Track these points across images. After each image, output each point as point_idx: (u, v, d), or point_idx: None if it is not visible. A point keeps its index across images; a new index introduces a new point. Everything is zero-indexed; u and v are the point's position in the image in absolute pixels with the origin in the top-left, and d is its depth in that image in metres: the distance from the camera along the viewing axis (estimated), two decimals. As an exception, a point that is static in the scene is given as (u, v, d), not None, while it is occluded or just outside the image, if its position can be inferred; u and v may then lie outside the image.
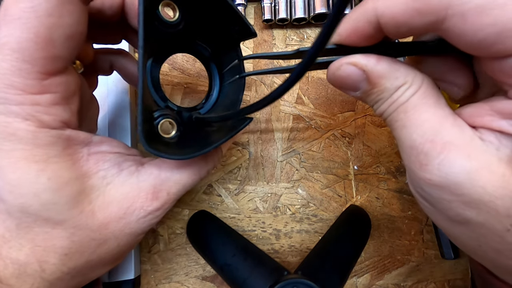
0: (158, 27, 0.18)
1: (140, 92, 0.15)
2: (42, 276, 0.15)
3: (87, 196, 0.16)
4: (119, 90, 0.26)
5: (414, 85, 0.14)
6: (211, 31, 0.21)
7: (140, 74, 0.15)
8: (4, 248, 0.14)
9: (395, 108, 0.14)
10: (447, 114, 0.13)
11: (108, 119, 0.25)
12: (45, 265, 0.15)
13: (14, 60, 0.13)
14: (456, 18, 0.11)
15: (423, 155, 0.13)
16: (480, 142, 0.12)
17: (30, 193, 0.14)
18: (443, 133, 0.13)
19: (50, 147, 0.14)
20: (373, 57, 0.14)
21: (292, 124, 0.28)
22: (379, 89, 0.14)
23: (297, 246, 0.27)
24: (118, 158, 0.17)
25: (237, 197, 0.27)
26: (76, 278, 0.16)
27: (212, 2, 0.18)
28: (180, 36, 0.20)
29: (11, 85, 0.13)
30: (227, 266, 0.23)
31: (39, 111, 0.14)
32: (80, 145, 0.16)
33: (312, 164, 0.28)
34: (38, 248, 0.15)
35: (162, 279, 0.26)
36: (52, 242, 0.15)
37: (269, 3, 0.28)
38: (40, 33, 0.13)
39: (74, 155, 0.16)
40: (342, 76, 0.15)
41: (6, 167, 0.14)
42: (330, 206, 0.28)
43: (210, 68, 0.23)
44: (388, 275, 0.27)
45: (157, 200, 0.17)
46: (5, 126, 0.13)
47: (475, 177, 0.12)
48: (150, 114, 0.18)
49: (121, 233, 0.16)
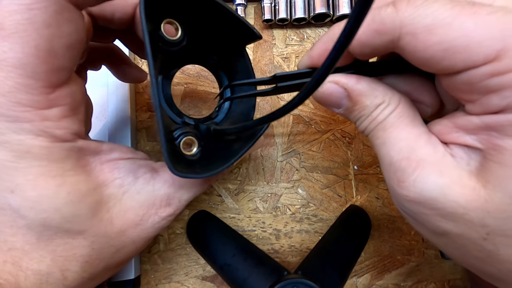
0: (162, 47, 0.18)
1: (159, 116, 0.15)
2: (64, 283, 0.15)
3: (105, 204, 0.16)
4: (119, 90, 0.26)
5: (392, 104, 0.15)
6: (215, 40, 0.21)
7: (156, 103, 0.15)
8: (24, 261, 0.14)
9: (375, 125, 0.15)
10: (422, 132, 0.14)
11: (108, 120, 0.25)
12: (67, 273, 0.15)
13: (18, 77, 0.13)
14: (408, 37, 0.12)
15: (400, 172, 0.14)
16: (451, 159, 0.13)
17: (51, 209, 0.14)
18: (418, 151, 0.14)
19: (64, 160, 0.15)
20: (353, 77, 0.15)
21: (292, 124, 0.28)
22: (360, 106, 0.15)
23: (297, 246, 0.27)
24: (132, 165, 0.18)
25: (237, 197, 0.27)
26: (95, 281, 0.17)
27: (213, 13, 0.18)
28: (185, 51, 0.20)
29: (18, 102, 0.13)
30: (227, 266, 0.23)
31: (50, 126, 0.14)
32: (91, 155, 0.16)
33: (312, 164, 0.28)
34: (60, 258, 0.15)
35: (162, 279, 0.26)
36: (73, 252, 0.15)
37: (269, 3, 0.28)
38: (40, 46, 0.12)
39: (88, 166, 0.16)
40: (325, 93, 0.16)
41: (24, 185, 0.14)
42: (330, 206, 0.28)
43: (219, 76, 0.23)
44: (388, 275, 0.27)
45: (170, 206, 0.18)
46: (18, 144, 0.13)
47: (448, 192, 0.13)
48: (170, 135, 0.18)
49: (138, 238, 0.17)
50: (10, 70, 0.12)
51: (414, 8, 0.12)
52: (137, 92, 0.28)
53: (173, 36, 0.18)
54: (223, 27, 0.19)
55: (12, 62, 0.12)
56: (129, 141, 0.26)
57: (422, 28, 0.12)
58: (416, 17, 0.12)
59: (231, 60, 0.22)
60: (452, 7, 0.11)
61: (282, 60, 0.29)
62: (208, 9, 0.18)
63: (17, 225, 0.14)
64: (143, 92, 0.28)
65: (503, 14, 0.11)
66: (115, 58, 0.22)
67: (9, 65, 0.12)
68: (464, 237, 0.13)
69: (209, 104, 0.28)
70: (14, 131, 0.13)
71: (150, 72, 0.15)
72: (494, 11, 0.11)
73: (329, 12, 0.27)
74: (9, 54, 0.12)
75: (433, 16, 0.11)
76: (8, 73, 0.12)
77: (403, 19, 0.12)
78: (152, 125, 0.28)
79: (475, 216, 0.12)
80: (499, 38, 0.11)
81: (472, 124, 0.13)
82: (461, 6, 0.11)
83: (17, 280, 0.14)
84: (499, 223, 0.12)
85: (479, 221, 0.12)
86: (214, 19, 0.18)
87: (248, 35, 0.20)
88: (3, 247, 0.14)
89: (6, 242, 0.14)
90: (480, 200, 0.12)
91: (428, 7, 0.12)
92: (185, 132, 0.19)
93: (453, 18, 0.11)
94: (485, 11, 0.11)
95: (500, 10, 0.11)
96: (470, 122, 0.13)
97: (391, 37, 0.13)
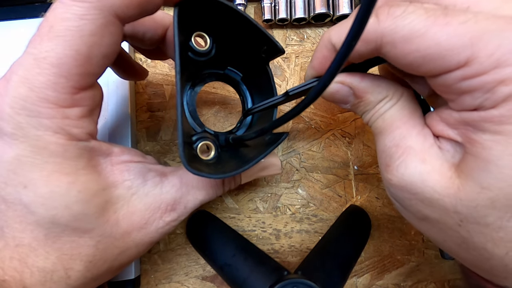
0: (191, 57, 0.19)
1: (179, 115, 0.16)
2: (68, 282, 0.15)
3: (112, 205, 0.16)
4: (119, 90, 0.26)
5: (394, 98, 0.16)
6: (241, 54, 0.21)
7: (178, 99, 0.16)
8: (30, 257, 0.15)
9: (376, 117, 0.16)
10: (417, 124, 0.15)
11: (108, 120, 0.25)
12: (70, 271, 0.15)
13: (51, 74, 0.13)
14: (389, 46, 0.13)
15: (388, 157, 0.15)
16: (438, 150, 0.14)
17: (61, 206, 0.14)
18: (408, 139, 0.15)
19: (78, 159, 0.15)
20: (357, 75, 0.16)
21: (292, 124, 0.28)
22: (364, 102, 0.16)
23: (297, 246, 0.27)
24: (142, 168, 0.18)
25: (237, 197, 0.27)
26: (97, 281, 0.17)
27: (239, 25, 0.19)
28: (212, 63, 0.21)
29: (45, 98, 0.14)
30: (227, 266, 0.23)
31: (69, 124, 0.14)
32: (103, 156, 0.17)
33: (312, 164, 0.28)
34: (65, 256, 0.15)
35: (162, 279, 0.26)
36: (78, 250, 0.15)
37: (269, 3, 0.28)
38: (81, 51, 0.14)
39: (99, 166, 0.16)
40: (332, 92, 0.17)
41: (38, 180, 0.14)
42: (330, 206, 0.28)
43: (242, 91, 0.23)
44: (388, 275, 0.27)
45: (174, 211, 0.18)
46: (36, 140, 0.14)
47: (426, 178, 0.14)
48: (189, 138, 0.19)
49: (141, 241, 0.17)
50: (47, 67, 0.13)
51: (393, 19, 0.13)
52: (137, 92, 0.28)
53: (202, 46, 0.20)
54: (249, 40, 0.20)
55: (51, 60, 0.13)
56: (129, 141, 0.26)
57: (400, 38, 0.13)
58: (394, 28, 0.13)
59: (255, 76, 0.22)
60: (426, 18, 0.12)
61: (282, 60, 0.29)
62: (235, 21, 0.18)
63: (26, 221, 0.14)
64: (143, 92, 0.28)
65: (473, 23, 0.12)
66: (118, 56, 0.22)
67: (47, 63, 0.13)
68: (441, 222, 0.14)
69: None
70: (34, 126, 0.14)
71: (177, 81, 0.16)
72: (465, 20, 0.12)
73: (329, 12, 0.27)
74: (51, 53, 0.13)
75: (409, 27, 0.12)
76: (43, 69, 0.13)
77: (383, 30, 0.13)
78: (152, 125, 0.28)
79: (449, 203, 0.13)
80: (468, 46, 0.11)
81: (454, 119, 0.14)
82: (435, 17, 0.12)
83: (22, 277, 0.14)
84: (470, 211, 0.13)
85: (452, 207, 0.13)
86: (240, 31, 0.19)
87: (272, 50, 0.20)
88: (11, 243, 0.14)
89: (15, 238, 0.14)
90: (453, 188, 0.13)
91: (405, 18, 0.12)
92: (204, 137, 0.19)
93: (427, 28, 0.12)
94: (457, 21, 0.12)
95: (471, 19, 0.12)
96: (452, 117, 0.14)
97: (374, 46, 0.14)
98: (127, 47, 0.27)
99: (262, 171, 0.22)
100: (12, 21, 0.26)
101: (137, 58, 0.29)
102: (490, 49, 0.11)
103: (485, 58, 0.11)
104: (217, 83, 0.28)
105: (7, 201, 0.14)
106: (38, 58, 0.13)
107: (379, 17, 0.13)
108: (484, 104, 0.12)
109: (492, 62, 0.11)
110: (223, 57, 0.21)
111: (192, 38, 0.19)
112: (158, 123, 0.28)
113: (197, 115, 0.22)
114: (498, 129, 0.12)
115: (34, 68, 0.13)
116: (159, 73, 0.28)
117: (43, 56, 0.13)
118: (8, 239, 0.14)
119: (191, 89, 0.22)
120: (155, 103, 0.28)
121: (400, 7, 0.13)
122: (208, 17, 0.18)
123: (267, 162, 0.22)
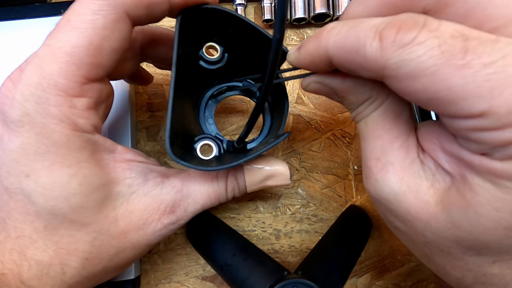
0: (202, 65, 0.20)
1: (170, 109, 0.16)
2: (63, 279, 0.15)
3: (112, 202, 0.16)
4: (119, 90, 0.26)
5: (379, 99, 0.14)
6: (252, 63, 0.21)
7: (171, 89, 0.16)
8: (30, 249, 0.15)
9: (359, 119, 0.15)
10: (401, 133, 0.14)
11: (108, 119, 0.25)
12: (66, 268, 0.15)
13: (64, 62, 0.14)
14: (392, 80, 0.12)
15: (368, 169, 0.15)
16: (418, 167, 0.14)
17: (61, 197, 0.14)
18: (389, 153, 0.14)
19: (81, 151, 0.15)
20: (339, 75, 0.15)
21: (292, 124, 0.28)
22: (347, 102, 0.16)
23: (297, 246, 0.27)
24: (144, 168, 0.18)
25: (237, 197, 0.27)
26: (92, 281, 0.17)
27: (248, 33, 0.19)
28: (225, 71, 0.21)
29: (55, 85, 0.14)
30: (227, 266, 0.23)
31: (75, 114, 0.15)
32: (106, 152, 0.17)
33: (312, 164, 0.28)
34: (62, 250, 0.15)
35: (162, 279, 0.26)
36: (75, 246, 0.15)
37: (269, 3, 0.28)
38: (93, 41, 0.14)
39: (101, 161, 0.16)
40: (312, 91, 0.16)
41: (40, 170, 0.14)
42: (330, 206, 0.28)
43: (263, 110, 0.24)
44: (388, 275, 0.27)
45: (173, 214, 0.18)
46: (41, 128, 0.14)
47: (401, 199, 0.13)
48: (190, 137, 0.19)
49: (138, 243, 0.17)
50: (61, 56, 0.14)
51: (399, 49, 0.11)
52: (137, 92, 0.28)
53: (212, 55, 0.20)
54: (259, 48, 0.19)
55: (65, 49, 0.14)
56: (129, 141, 0.26)
57: (404, 75, 0.11)
58: (398, 62, 0.11)
59: None
60: (440, 53, 0.10)
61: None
62: (243, 30, 0.19)
63: (27, 211, 0.14)
64: (143, 92, 0.28)
65: (499, 67, 0.10)
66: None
67: (62, 51, 0.14)
68: (410, 237, 0.14)
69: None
70: (40, 114, 0.14)
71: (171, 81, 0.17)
72: (489, 62, 0.10)
73: (329, 12, 0.27)
74: (66, 43, 0.14)
75: (416, 63, 0.10)
76: (57, 58, 0.14)
77: (386, 63, 0.11)
78: (152, 125, 0.28)
79: (419, 226, 0.13)
80: (487, 98, 0.10)
81: (451, 151, 0.13)
82: (451, 54, 0.10)
83: (20, 270, 0.14)
84: (436, 239, 0.13)
85: (421, 231, 0.13)
86: (250, 40, 0.19)
87: (282, 58, 0.20)
88: (12, 234, 0.15)
89: (16, 229, 0.15)
90: (426, 214, 0.13)
91: (413, 52, 0.10)
92: (207, 137, 0.20)
93: (438, 68, 0.10)
94: (478, 64, 0.10)
95: (497, 61, 0.10)
96: (451, 148, 0.13)
97: (376, 75, 0.12)
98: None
99: (268, 180, 0.20)
100: (12, 21, 0.26)
101: (137, 58, 0.29)
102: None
103: (504, 114, 0.10)
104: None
105: (9, 191, 0.14)
106: (53, 48, 0.14)
107: (383, 42, 0.11)
108: (491, 153, 0.11)
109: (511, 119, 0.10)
110: (235, 66, 0.21)
111: (204, 48, 0.20)
112: (158, 123, 0.28)
113: (214, 124, 0.23)
114: (494, 180, 0.11)
115: (49, 57, 0.14)
116: (159, 73, 0.28)
117: (58, 46, 0.14)
118: (10, 231, 0.15)
119: (211, 99, 0.23)
120: (155, 103, 0.28)
121: (410, 32, 0.11)
122: (218, 26, 0.19)
123: (274, 170, 0.20)
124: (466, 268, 0.13)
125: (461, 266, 0.13)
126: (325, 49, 0.13)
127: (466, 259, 0.12)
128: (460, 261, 0.13)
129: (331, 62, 0.14)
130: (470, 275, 0.13)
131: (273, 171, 0.20)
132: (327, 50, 0.13)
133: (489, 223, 0.11)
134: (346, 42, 0.12)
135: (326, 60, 0.14)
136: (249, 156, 0.18)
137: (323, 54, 0.14)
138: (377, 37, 0.11)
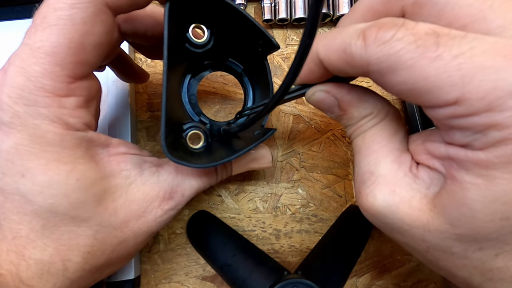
0: (188, 48, 0.20)
1: (164, 104, 0.16)
2: (65, 274, 0.15)
3: (111, 194, 0.16)
4: (119, 90, 0.26)
5: (378, 116, 0.15)
6: (239, 47, 0.22)
7: (164, 87, 0.16)
8: (27, 249, 0.14)
9: (357, 134, 0.16)
10: (395, 148, 0.15)
11: (108, 119, 0.25)
12: (68, 263, 0.15)
13: (47, 63, 0.14)
14: (376, 74, 0.13)
15: (361, 183, 0.15)
16: (411, 180, 0.14)
17: (60, 194, 0.14)
18: (382, 166, 0.15)
19: (75, 148, 0.15)
20: (345, 86, 0.16)
21: (292, 124, 0.28)
22: (348, 115, 0.16)
23: (297, 246, 0.27)
24: (138, 160, 0.18)
25: (237, 197, 0.27)
26: (95, 275, 0.17)
27: (235, 19, 0.19)
28: (211, 54, 0.21)
29: (41, 87, 0.14)
30: (227, 266, 0.23)
31: (65, 114, 0.15)
32: (100, 147, 0.17)
33: (312, 164, 0.28)
34: (63, 247, 0.15)
35: (162, 279, 0.26)
36: (76, 241, 0.15)
37: (269, 3, 0.28)
38: (74, 39, 0.14)
39: (96, 157, 0.16)
40: (316, 100, 0.16)
41: (36, 169, 0.14)
42: (330, 206, 0.28)
43: (244, 83, 0.24)
44: (388, 275, 0.27)
45: (172, 199, 0.18)
46: (33, 129, 0.14)
47: (394, 210, 0.14)
48: (179, 126, 0.19)
49: (140, 231, 0.17)
50: (42, 57, 0.14)
51: (380, 46, 0.12)
52: (137, 92, 0.28)
53: (199, 38, 0.20)
54: (245, 34, 0.20)
55: (45, 50, 0.14)
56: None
57: (386, 68, 0.12)
58: (380, 57, 0.12)
59: (255, 70, 0.23)
60: (415, 47, 0.11)
61: (282, 60, 0.29)
62: (230, 15, 0.19)
63: (23, 211, 0.14)
64: (143, 92, 0.28)
65: (467, 57, 0.10)
66: (118, 58, 0.22)
67: (42, 52, 0.14)
68: (410, 246, 0.14)
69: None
70: (31, 115, 0.14)
71: (164, 65, 0.16)
72: (459, 53, 0.11)
73: (329, 12, 0.27)
74: (45, 43, 0.14)
75: (396, 57, 0.11)
76: (39, 59, 0.14)
77: (369, 58, 0.12)
78: (152, 125, 0.28)
79: (417, 233, 0.13)
80: (459, 85, 0.11)
81: (439, 152, 0.13)
82: (425, 47, 0.11)
83: (18, 270, 0.14)
84: (437, 241, 0.13)
85: (420, 236, 0.13)
86: (237, 25, 0.19)
87: (267, 45, 0.20)
88: (8, 235, 0.14)
89: (12, 230, 0.14)
90: (422, 220, 0.13)
91: (392, 47, 0.12)
92: (194, 126, 0.20)
93: (414, 61, 0.11)
94: (449, 55, 0.11)
95: (465, 52, 0.10)
96: (439, 150, 0.13)
97: (361, 71, 0.13)
98: (127, 48, 0.27)
99: (252, 163, 0.22)
100: (12, 21, 0.26)
101: (137, 58, 0.29)
102: (482, 91, 0.10)
103: (475, 100, 0.10)
104: (217, 83, 0.28)
105: (4, 192, 0.14)
106: (33, 48, 0.14)
107: (366, 40, 0.12)
108: (473, 143, 0.11)
109: (484, 105, 0.10)
110: (222, 50, 0.21)
111: (190, 30, 0.19)
112: (158, 123, 0.28)
113: (197, 103, 0.22)
114: (482, 173, 0.11)
115: (30, 58, 0.14)
116: (159, 73, 0.28)
117: (37, 46, 0.14)
118: (6, 232, 0.14)
119: (192, 78, 0.22)
120: (155, 103, 0.28)
121: (389, 31, 0.12)
122: (204, 10, 0.19)
123: (258, 154, 0.22)
124: (471, 266, 0.13)
125: (466, 264, 0.13)
126: (316, 52, 0.14)
127: (469, 257, 0.13)
128: (464, 259, 0.13)
129: (324, 65, 0.14)
130: (476, 273, 0.13)
131: (256, 154, 0.22)
132: (318, 53, 0.14)
133: (485, 217, 0.11)
134: (333, 44, 0.14)
135: (319, 63, 0.15)
136: (239, 152, 0.18)
137: (315, 57, 0.15)
138: (361, 36, 0.12)
